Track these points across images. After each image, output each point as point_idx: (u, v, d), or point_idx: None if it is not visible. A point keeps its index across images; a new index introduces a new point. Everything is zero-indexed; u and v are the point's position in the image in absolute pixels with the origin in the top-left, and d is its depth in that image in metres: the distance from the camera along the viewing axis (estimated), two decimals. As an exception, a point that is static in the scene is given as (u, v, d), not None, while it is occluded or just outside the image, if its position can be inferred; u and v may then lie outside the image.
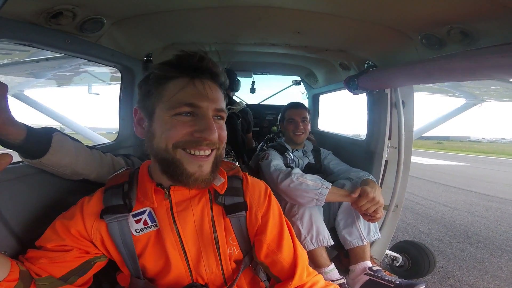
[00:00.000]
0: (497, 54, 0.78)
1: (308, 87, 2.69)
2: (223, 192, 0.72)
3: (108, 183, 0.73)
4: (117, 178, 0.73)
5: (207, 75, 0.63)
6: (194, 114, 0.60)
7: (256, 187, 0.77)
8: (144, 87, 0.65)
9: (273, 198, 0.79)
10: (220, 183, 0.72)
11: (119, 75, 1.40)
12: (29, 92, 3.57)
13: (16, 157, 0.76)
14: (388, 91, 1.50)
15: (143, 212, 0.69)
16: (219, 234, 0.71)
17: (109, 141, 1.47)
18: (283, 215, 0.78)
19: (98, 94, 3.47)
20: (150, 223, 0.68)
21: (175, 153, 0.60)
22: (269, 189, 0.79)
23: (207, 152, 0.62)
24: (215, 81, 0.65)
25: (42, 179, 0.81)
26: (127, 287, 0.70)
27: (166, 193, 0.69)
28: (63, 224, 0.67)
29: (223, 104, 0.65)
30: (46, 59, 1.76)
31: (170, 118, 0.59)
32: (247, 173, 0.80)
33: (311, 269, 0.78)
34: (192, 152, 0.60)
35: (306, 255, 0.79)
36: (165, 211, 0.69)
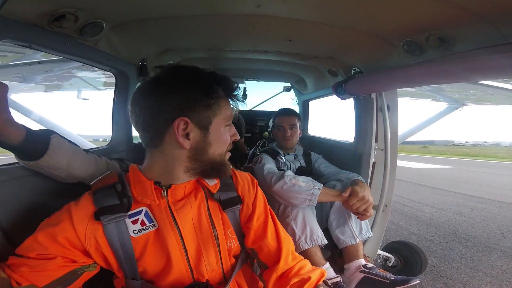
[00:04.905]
0: (471, 58, 0.86)
1: (298, 93, 2.76)
2: (215, 191, 0.75)
3: (95, 185, 0.69)
4: (104, 180, 0.70)
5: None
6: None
7: (244, 179, 0.83)
8: (202, 101, 0.66)
9: (259, 187, 0.85)
10: (213, 183, 0.75)
11: (108, 80, 1.40)
12: (16, 97, 3.45)
13: (12, 158, 0.76)
14: (373, 95, 1.57)
15: (139, 212, 0.67)
16: (217, 228, 0.73)
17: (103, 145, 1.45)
18: (266, 202, 0.84)
19: (88, 99, 3.39)
20: (148, 223, 0.67)
21: (225, 155, 0.75)
22: (255, 179, 0.85)
23: None
24: None
25: (36, 181, 0.79)
26: None
27: (164, 192, 0.69)
28: (47, 233, 0.61)
29: None
30: (39, 62, 1.72)
31: (223, 128, 0.73)
32: (233, 168, 0.84)
33: (296, 254, 0.81)
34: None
35: (291, 240, 0.83)
36: (163, 209, 0.69)
